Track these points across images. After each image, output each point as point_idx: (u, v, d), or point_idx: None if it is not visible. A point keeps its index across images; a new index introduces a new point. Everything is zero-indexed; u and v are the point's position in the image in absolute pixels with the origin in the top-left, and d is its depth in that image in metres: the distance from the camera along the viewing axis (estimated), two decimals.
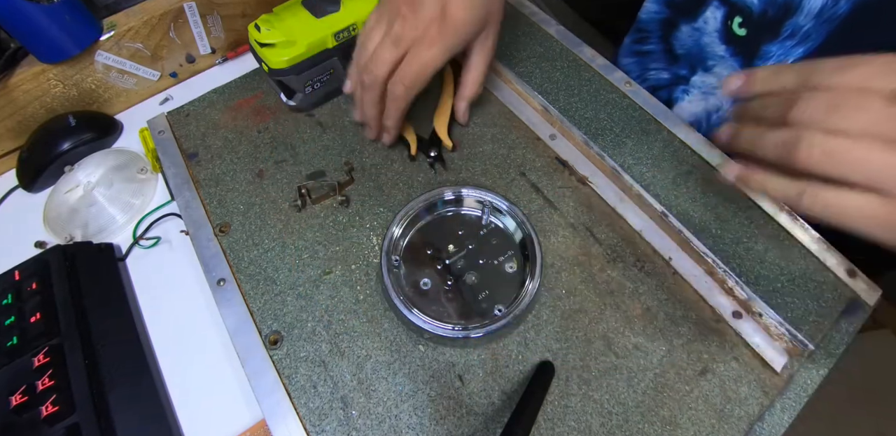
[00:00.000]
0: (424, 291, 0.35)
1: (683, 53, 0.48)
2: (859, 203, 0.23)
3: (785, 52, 0.39)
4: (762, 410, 0.31)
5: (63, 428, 0.31)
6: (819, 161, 0.23)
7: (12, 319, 0.36)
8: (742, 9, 0.41)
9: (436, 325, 0.32)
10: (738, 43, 0.42)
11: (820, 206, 0.24)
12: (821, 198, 0.24)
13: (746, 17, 0.41)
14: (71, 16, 0.44)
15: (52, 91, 0.47)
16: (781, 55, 0.40)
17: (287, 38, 0.39)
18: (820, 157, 0.23)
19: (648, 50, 0.46)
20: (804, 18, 0.37)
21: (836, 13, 0.36)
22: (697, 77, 0.47)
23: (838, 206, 0.24)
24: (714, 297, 0.35)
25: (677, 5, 0.46)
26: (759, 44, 0.41)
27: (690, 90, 0.48)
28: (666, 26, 0.47)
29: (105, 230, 0.43)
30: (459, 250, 0.36)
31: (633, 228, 0.38)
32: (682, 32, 0.46)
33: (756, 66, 0.42)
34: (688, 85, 0.48)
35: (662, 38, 0.49)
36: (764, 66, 0.27)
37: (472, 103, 0.41)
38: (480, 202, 0.37)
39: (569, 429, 0.31)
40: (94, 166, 0.45)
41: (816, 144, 0.23)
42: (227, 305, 0.36)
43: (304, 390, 0.32)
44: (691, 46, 0.46)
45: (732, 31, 0.42)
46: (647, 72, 0.51)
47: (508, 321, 0.32)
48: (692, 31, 0.45)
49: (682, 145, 0.41)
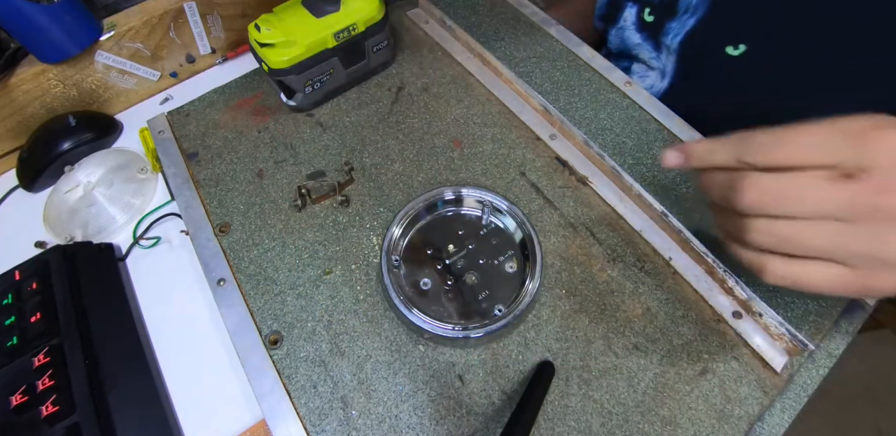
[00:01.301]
0: (424, 291, 0.35)
1: (616, 52, 0.56)
2: (823, 274, 0.24)
3: (681, 25, 0.46)
4: (762, 410, 0.31)
5: (63, 428, 0.31)
6: (775, 245, 0.24)
7: (12, 320, 0.36)
8: (649, 2, 0.49)
9: (436, 325, 0.32)
10: (648, 28, 0.50)
11: (786, 280, 0.25)
12: (786, 272, 0.24)
13: (653, 7, 0.49)
14: (71, 16, 0.44)
15: (52, 91, 0.47)
16: (678, 27, 0.46)
17: (287, 38, 0.39)
18: (774, 242, 0.24)
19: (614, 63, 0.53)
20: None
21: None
22: (635, 65, 0.54)
23: (804, 278, 0.24)
24: (714, 297, 0.35)
25: (603, 17, 0.56)
26: (662, 24, 0.48)
27: (632, 76, 0.55)
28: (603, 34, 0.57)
29: (105, 230, 0.43)
30: (459, 250, 0.36)
31: (633, 228, 0.38)
32: (611, 35, 0.55)
33: (662, 42, 0.48)
34: (630, 73, 0.55)
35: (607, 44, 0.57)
36: (697, 142, 0.27)
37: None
38: (480, 202, 0.37)
39: (569, 429, 0.31)
40: (94, 166, 0.45)
41: (767, 232, 0.24)
42: (227, 305, 0.36)
43: (304, 390, 0.32)
44: (619, 44, 0.54)
45: (644, 20, 0.50)
46: None
47: (508, 321, 0.32)
48: (617, 31, 0.54)
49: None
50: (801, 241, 0.23)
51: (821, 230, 0.23)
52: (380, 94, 0.46)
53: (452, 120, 0.44)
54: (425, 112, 0.45)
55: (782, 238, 0.23)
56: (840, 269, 0.23)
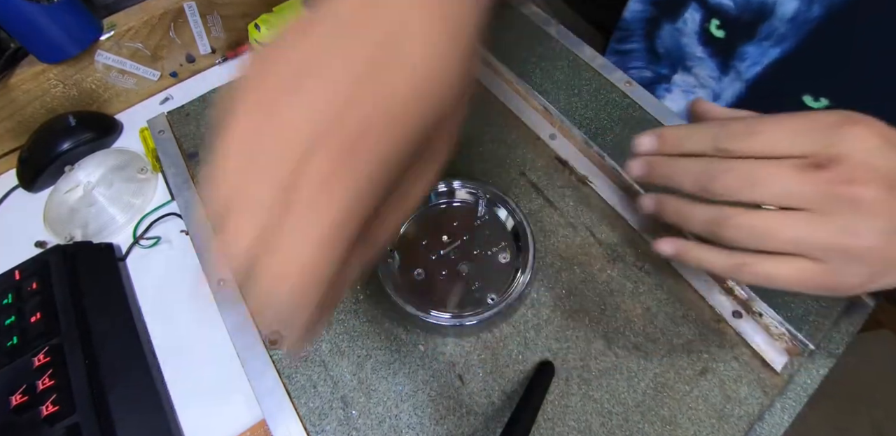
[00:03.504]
0: (419, 280, 0.35)
1: (664, 52, 0.48)
2: (794, 270, 0.24)
3: (762, 53, 0.40)
4: (762, 410, 0.31)
5: (63, 428, 0.31)
6: (746, 237, 0.24)
7: (12, 319, 0.36)
8: (718, 11, 0.41)
9: (429, 313, 0.32)
10: (715, 44, 0.43)
11: (758, 278, 0.25)
12: (756, 269, 0.24)
13: (723, 20, 0.41)
14: (71, 16, 0.44)
15: (52, 91, 0.47)
16: (758, 56, 0.40)
17: None
18: (746, 234, 0.24)
19: (630, 48, 0.46)
20: (778, 22, 0.38)
21: (809, 17, 0.36)
22: (678, 76, 0.47)
23: (776, 275, 0.24)
24: (714, 297, 0.35)
25: (661, 4, 0.46)
26: (736, 45, 0.41)
27: (672, 88, 0.49)
28: (649, 25, 0.48)
29: (105, 230, 0.43)
30: (453, 241, 0.36)
31: (633, 228, 0.38)
32: (664, 31, 0.46)
33: (733, 66, 0.42)
34: (669, 83, 0.49)
35: (645, 36, 0.49)
36: (673, 127, 0.27)
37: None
38: (474, 194, 0.37)
39: (569, 429, 0.31)
40: (94, 166, 0.45)
41: (741, 222, 0.24)
42: (227, 305, 0.36)
43: (304, 390, 0.32)
44: (671, 46, 0.47)
45: (710, 33, 0.42)
46: (629, 70, 0.52)
47: (500, 309, 0.32)
48: (673, 30, 0.45)
49: None
50: (772, 232, 0.23)
51: (791, 221, 0.23)
52: None
53: None
54: None
55: (754, 231, 0.23)
56: (810, 263, 0.23)
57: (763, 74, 0.40)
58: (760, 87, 0.41)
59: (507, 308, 0.33)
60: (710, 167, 0.24)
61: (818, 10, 0.35)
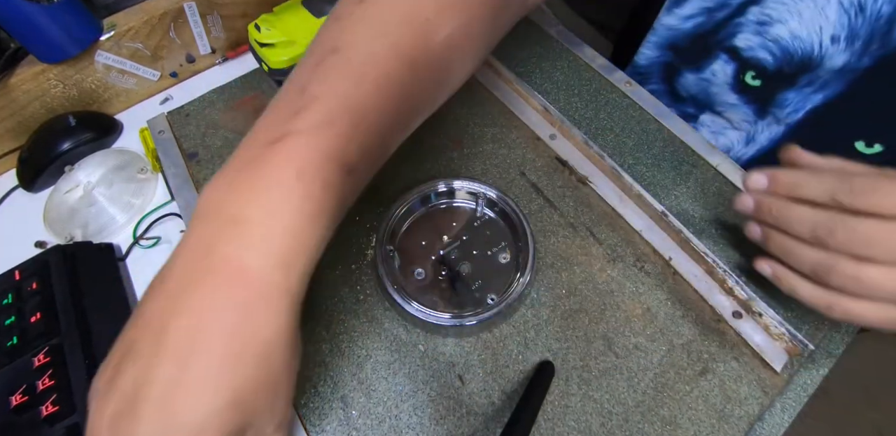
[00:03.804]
0: (419, 280, 0.35)
1: (689, 96, 0.46)
2: (883, 314, 0.25)
3: (804, 99, 0.38)
4: (762, 410, 0.31)
5: (63, 428, 0.31)
6: (850, 286, 0.25)
7: (12, 319, 0.36)
8: (755, 65, 0.39)
9: (429, 313, 0.32)
10: (751, 92, 0.41)
11: (848, 316, 0.26)
12: (848, 310, 0.26)
13: (760, 72, 0.39)
14: (71, 16, 0.43)
15: (52, 91, 0.47)
16: (800, 102, 0.39)
17: (287, 38, 0.39)
18: (853, 284, 0.25)
19: (650, 89, 0.44)
20: (823, 72, 0.36)
21: (858, 67, 0.35)
22: (706, 116, 0.46)
23: (865, 317, 0.26)
24: (714, 297, 0.35)
25: (679, 50, 0.44)
26: (775, 92, 0.40)
27: (699, 128, 0.47)
28: (667, 70, 0.46)
29: (105, 230, 0.43)
30: (453, 241, 0.36)
31: (633, 228, 0.38)
32: (686, 79, 0.44)
33: (771, 112, 0.41)
34: (696, 122, 0.47)
35: (665, 80, 0.47)
36: (788, 171, 0.28)
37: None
38: (473, 194, 0.37)
39: (569, 429, 0.31)
40: (94, 166, 0.45)
41: (849, 272, 0.25)
42: None
43: (304, 390, 0.32)
44: (698, 92, 0.45)
45: (745, 83, 0.41)
46: None
47: (500, 310, 0.32)
48: (698, 80, 0.43)
49: (682, 145, 0.41)
50: (878, 285, 0.24)
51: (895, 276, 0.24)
52: None
53: (452, 120, 0.44)
54: None
55: (860, 283, 0.25)
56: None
57: (806, 120, 0.39)
58: (804, 131, 0.40)
59: (507, 308, 0.33)
60: (829, 221, 0.25)
61: (868, 61, 0.34)
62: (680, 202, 0.38)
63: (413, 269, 0.35)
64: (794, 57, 0.37)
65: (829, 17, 0.34)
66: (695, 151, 0.40)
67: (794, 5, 0.35)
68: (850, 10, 0.33)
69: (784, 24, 0.36)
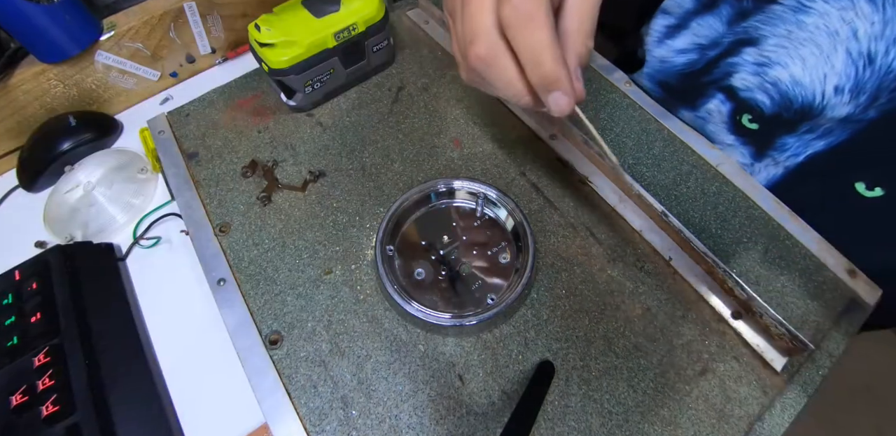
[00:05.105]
0: (419, 281, 0.35)
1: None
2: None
3: (804, 145, 0.37)
4: (762, 410, 0.31)
5: (63, 428, 0.31)
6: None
7: (12, 319, 0.36)
8: (752, 108, 0.38)
9: (429, 313, 0.32)
10: (749, 135, 0.39)
11: None
12: None
13: (757, 116, 0.38)
14: (71, 16, 0.44)
15: (52, 91, 0.47)
16: (800, 147, 0.37)
17: (287, 38, 0.39)
18: None
19: None
20: (825, 120, 0.35)
21: (864, 118, 0.33)
22: None
23: None
24: (714, 297, 0.35)
25: (672, 89, 0.43)
26: (773, 137, 0.38)
27: None
28: (663, 104, 0.44)
29: (105, 230, 0.43)
30: (453, 241, 0.36)
31: (633, 227, 0.38)
32: (682, 115, 0.43)
33: (770, 155, 0.39)
34: None
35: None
36: None
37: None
38: (474, 194, 0.37)
39: (569, 429, 0.31)
40: (94, 166, 0.45)
41: None
42: (227, 305, 0.36)
43: (304, 390, 0.32)
44: (695, 128, 0.43)
45: (741, 125, 0.39)
46: None
47: (500, 310, 0.32)
48: (694, 118, 0.42)
49: (682, 145, 0.41)
50: None
51: None
52: (380, 94, 0.46)
53: (452, 120, 0.44)
54: (425, 112, 0.45)
55: None
56: None
57: (806, 163, 0.37)
58: (803, 173, 0.38)
59: (507, 308, 0.33)
60: None
61: (874, 113, 0.32)
62: (680, 202, 0.38)
63: (413, 269, 0.35)
64: (794, 103, 0.35)
65: (835, 66, 0.32)
66: (695, 150, 0.40)
67: (796, 50, 0.33)
68: (858, 61, 0.31)
69: (785, 67, 0.34)
